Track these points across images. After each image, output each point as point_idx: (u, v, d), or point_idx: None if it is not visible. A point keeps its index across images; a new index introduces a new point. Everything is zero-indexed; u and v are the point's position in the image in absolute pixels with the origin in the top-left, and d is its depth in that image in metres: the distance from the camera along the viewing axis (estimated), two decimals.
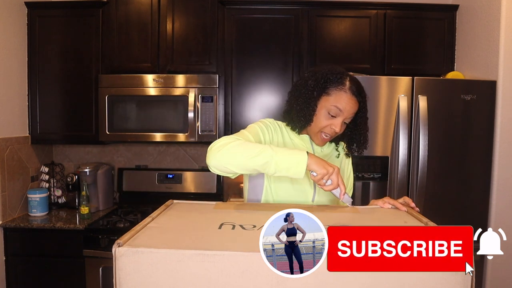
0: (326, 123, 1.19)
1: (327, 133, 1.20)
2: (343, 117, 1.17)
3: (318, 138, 1.22)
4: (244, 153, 1.04)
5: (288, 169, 1.02)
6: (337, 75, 1.18)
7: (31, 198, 2.38)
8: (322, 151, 1.29)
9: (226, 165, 1.05)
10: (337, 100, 1.16)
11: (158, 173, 2.70)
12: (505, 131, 2.08)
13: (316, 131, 1.21)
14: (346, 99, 1.16)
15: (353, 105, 1.17)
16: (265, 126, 1.24)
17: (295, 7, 2.41)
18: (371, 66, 2.42)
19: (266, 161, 1.02)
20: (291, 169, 1.01)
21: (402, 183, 2.07)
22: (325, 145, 1.29)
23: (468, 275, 0.68)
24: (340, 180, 1.02)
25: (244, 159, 1.03)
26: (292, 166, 1.01)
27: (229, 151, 1.05)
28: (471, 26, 2.33)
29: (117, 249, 0.70)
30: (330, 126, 1.18)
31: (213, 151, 1.07)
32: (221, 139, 1.11)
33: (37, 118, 2.50)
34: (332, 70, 1.20)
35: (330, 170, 1.01)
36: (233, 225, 0.85)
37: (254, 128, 1.23)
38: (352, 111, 1.18)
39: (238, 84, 2.43)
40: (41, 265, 2.23)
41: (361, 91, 1.19)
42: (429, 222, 0.88)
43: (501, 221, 2.10)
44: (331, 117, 1.18)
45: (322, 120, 1.19)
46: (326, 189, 1.02)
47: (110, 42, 2.44)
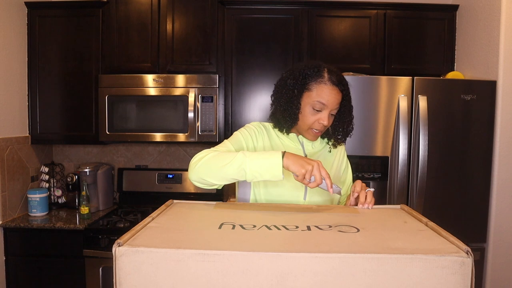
0: (313, 119, 1.19)
1: (316, 128, 1.20)
2: (328, 110, 1.18)
3: (310, 134, 1.23)
4: (218, 164, 1.05)
5: (264, 174, 1.00)
6: (314, 69, 1.19)
7: (31, 198, 2.38)
8: (313, 147, 1.29)
9: (204, 177, 1.07)
10: (319, 94, 1.16)
11: (158, 173, 2.70)
12: (505, 131, 2.08)
13: (306, 128, 1.21)
14: (328, 91, 1.16)
15: (335, 95, 1.17)
16: (248, 132, 1.25)
17: (295, 7, 2.41)
18: (371, 66, 2.43)
19: (239, 168, 1.01)
20: (267, 173, 1.00)
21: (402, 183, 2.07)
22: (316, 142, 1.29)
23: (467, 275, 0.67)
24: (324, 174, 1.00)
25: (219, 169, 1.04)
26: (267, 170, 1.00)
27: (205, 164, 1.06)
28: (471, 26, 2.33)
29: (117, 249, 0.70)
30: (317, 121, 1.19)
31: (191, 166, 1.09)
32: (200, 153, 1.12)
33: (37, 118, 2.50)
34: (308, 65, 1.20)
35: (309, 168, 0.98)
36: (233, 225, 0.85)
37: (236, 136, 1.23)
38: (336, 102, 1.18)
39: (238, 84, 2.44)
40: (41, 265, 2.23)
41: (341, 80, 1.19)
42: (429, 222, 0.88)
43: (501, 221, 2.10)
44: (316, 112, 1.18)
45: (308, 117, 1.19)
46: (311, 187, 1.00)
47: (110, 42, 2.44)
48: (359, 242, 0.75)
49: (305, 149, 1.28)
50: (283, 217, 0.94)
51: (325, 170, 1.01)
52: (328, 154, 1.32)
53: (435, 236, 0.79)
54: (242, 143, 1.22)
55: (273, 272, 0.68)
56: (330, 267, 0.68)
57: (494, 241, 2.11)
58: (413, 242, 0.75)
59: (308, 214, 0.98)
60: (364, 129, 2.08)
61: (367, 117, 2.08)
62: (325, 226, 0.85)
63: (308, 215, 0.96)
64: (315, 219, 0.91)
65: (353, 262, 0.68)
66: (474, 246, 2.09)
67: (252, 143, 1.23)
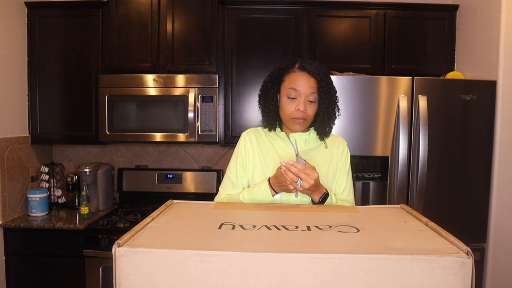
0: (291, 108, 1.23)
1: (296, 116, 1.22)
2: (303, 96, 1.21)
3: (293, 124, 1.25)
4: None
5: (263, 201, 1.19)
6: (288, 62, 1.27)
7: (31, 198, 2.38)
8: (307, 145, 1.30)
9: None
10: (291, 82, 1.22)
11: (158, 173, 2.70)
12: (505, 131, 2.08)
13: (288, 119, 1.25)
14: (298, 77, 1.21)
15: (307, 81, 1.21)
16: (240, 154, 1.33)
17: (295, 7, 2.41)
18: (371, 66, 2.42)
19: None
20: (264, 200, 1.19)
21: (402, 183, 2.07)
22: (310, 139, 1.30)
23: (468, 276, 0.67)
24: (293, 171, 1.08)
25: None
26: (263, 199, 1.19)
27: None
28: (471, 26, 2.33)
29: (117, 249, 0.70)
30: (295, 109, 1.22)
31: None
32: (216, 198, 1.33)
33: (37, 118, 2.50)
34: (284, 62, 1.28)
35: (285, 180, 1.10)
36: (233, 225, 0.85)
37: (233, 167, 1.33)
38: (309, 87, 1.21)
39: (238, 84, 2.43)
40: (41, 265, 2.22)
41: (316, 69, 1.23)
42: (429, 222, 0.88)
43: (501, 221, 2.10)
44: (292, 100, 1.22)
45: (286, 107, 1.24)
46: (304, 187, 1.09)
47: (110, 42, 2.44)
48: (359, 242, 0.75)
49: (298, 147, 1.29)
50: (283, 217, 0.94)
51: (288, 165, 1.09)
52: (325, 150, 1.31)
53: (435, 236, 0.79)
54: (239, 170, 1.32)
55: (273, 272, 0.68)
56: (330, 267, 0.68)
57: (494, 241, 2.11)
58: (413, 242, 0.75)
59: (308, 214, 0.98)
60: (364, 129, 2.08)
61: (367, 117, 2.08)
62: (325, 226, 0.85)
63: (308, 215, 0.96)
64: (315, 219, 0.91)
65: (353, 263, 0.68)
66: (474, 246, 2.09)
67: (252, 156, 1.32)
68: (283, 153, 1.29)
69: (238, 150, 1.34)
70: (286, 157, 1.27)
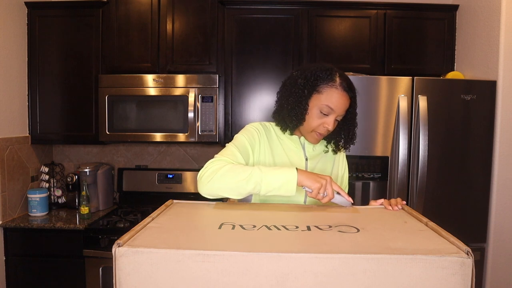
0: (318, 122, 1.18)
1: (320, 132, 1.19)
2: (335, 115, 1.17)
3: (312, 137, 1.22)
4: (234, 179, 1.04)
5: (279, 188, 1.02)
6: (327, 72, 1.17)
7: (31, 198, 2.38)
8: (314, 150, 1.29)
9: (219, 192, 1.07)
10: (329, 98, 1.15)
11: (158, 173, 2.70)
12: (505, 131, 2.08)
13: (309, 131, 1.20)
14: (338, 96, 1.15)
15: (344, 101, 1.17)
16: (252, 136, 1.23)
17: (295, 7, 2.41)
18: (371, 66, 2.42)
19: (256, 183, 1.03)
20: (282, 188, 1.02)
21: (402, 183, 2.07)
22: (317, 145, 1.29)
23: (468, 276, 0.67)
24: (336, 188, 1.03)
25: (235, 185, 1.04)
26: (282, 185, 1.02)
27: (220, 179, 1.05)
28: (471, 26, 2.33)
29: (117, 249, 0.70)
30: (322, 125, 1.18)
31: (203, 179, 1.08)
32: (209, 165, 1.10)
33: (37, 118, 2.50)
34: (321, 67, 1.19)
35: (323, 182, 1.01)
36: (233, 225, 0.85)
37: (240, 140, 1.21)
38: (344, 108, 1.17)
39: (238, 84, 2.43)
40: (41, 265, 2.23)
41: (351, 86, 1.19)
42: (429, 222, 0.88)
43: (501, 221, 2.10)
44: (323, 116, 1.17)
45: (314, 119, 1.18)
46: (324, 202, 1.02)
47: (110, 42, 2.44)
48: (359, 242, 0.75)
49: (306, 151, 1.27)
50: (283, 217, 0.94)
51: (337, 184, 1.03)
52: (328, 154, 1.32)
53: (435, 236, 0.79)
54: (248, 149, 1.20)
55: (273, 272, 0.68)
56: (330, 267, 0.68)
57: (494, 241, 2.11)
58: (413, 242, 0.75)
59: (308, 214, 0.98)
60: (364, 129, 2.08)
61: (367, 117, 2.08)
62: (325, 226, 0.85)
63: (308, 215, 0.96)
64: (315, 219, 0.91)
65: (353, 263, 0.68)
66: (474, 246, 2.09)
67: (258, 147, 1.23)
68: (292, 155, 1.26)
69: (250, 132, 1.24)
70: (295, 160, 1.25)
